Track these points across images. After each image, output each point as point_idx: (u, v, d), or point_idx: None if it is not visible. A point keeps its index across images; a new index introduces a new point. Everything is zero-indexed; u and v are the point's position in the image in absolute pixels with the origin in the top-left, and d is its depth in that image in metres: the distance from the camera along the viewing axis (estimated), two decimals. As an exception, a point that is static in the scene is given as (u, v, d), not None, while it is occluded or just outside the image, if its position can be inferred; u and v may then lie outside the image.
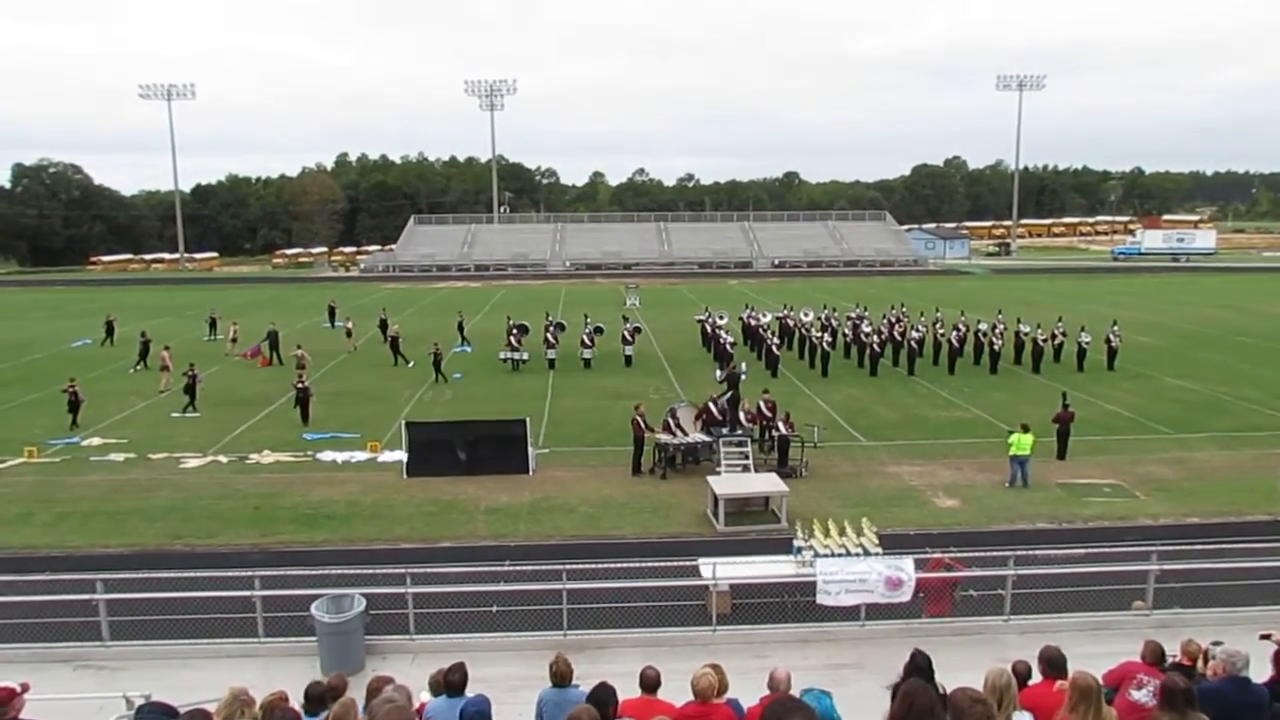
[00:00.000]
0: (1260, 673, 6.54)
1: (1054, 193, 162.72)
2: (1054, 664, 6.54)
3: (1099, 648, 9.08)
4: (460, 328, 41.00)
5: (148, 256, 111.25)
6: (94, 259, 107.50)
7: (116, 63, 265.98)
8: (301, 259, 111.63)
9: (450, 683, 6.88)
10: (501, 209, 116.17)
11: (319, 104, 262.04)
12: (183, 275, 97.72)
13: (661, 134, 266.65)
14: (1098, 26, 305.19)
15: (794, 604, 11.97)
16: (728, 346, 34.21)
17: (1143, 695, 6.58)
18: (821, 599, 11.34)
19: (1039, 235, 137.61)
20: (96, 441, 23.87)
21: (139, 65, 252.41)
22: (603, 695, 6.02)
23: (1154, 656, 7.07)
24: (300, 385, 26.16)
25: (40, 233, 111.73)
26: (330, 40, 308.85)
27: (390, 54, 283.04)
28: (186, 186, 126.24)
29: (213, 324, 44.23)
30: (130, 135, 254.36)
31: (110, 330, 41.63)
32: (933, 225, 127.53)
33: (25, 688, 6.74)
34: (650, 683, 6.66)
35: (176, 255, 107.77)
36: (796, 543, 12.99)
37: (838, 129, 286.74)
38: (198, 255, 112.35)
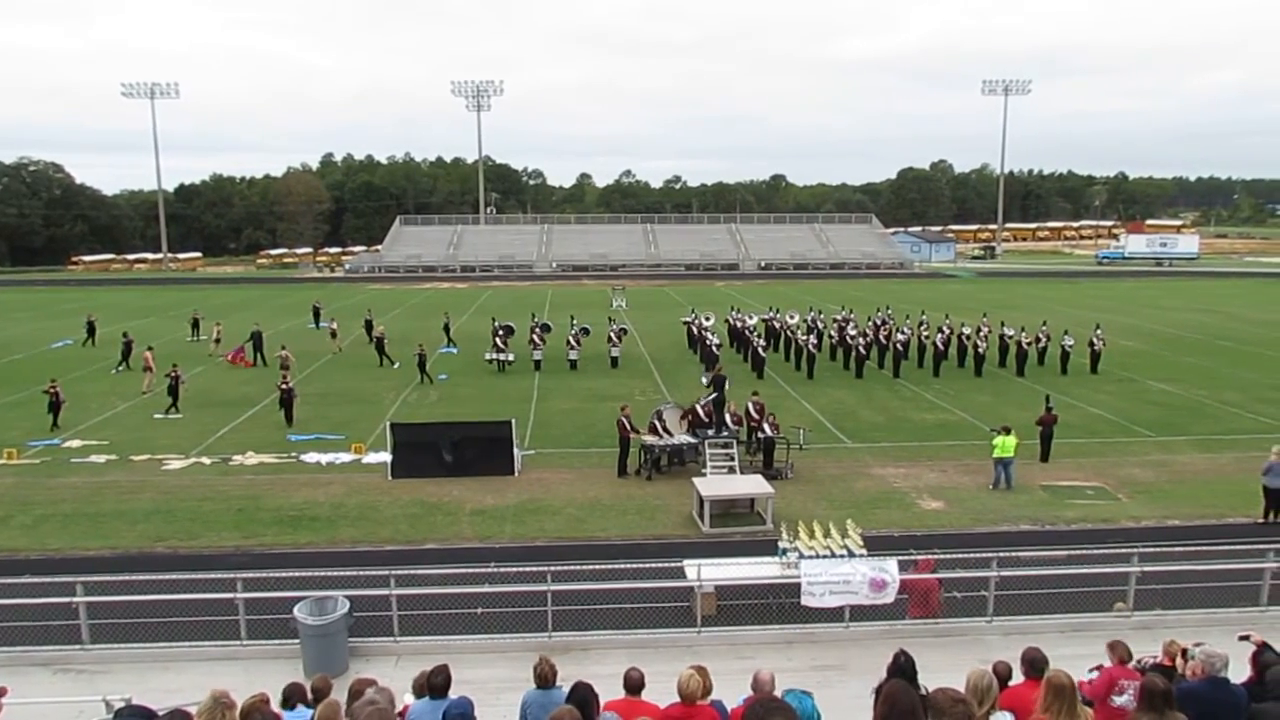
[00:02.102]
0: (1239, 673, 6.61)
1: (1039, 197, 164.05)
2: (1036, 665, 6.59)
3: (1081, 649, 9.13)
4: (446, 329, 40.92)
5: (130, 256, 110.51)
6: (75, 259, 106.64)
7: (99, 61, 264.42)
8: (286, 259, 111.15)
9: (433, 685, 6.85)
10: (488, 210, 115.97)
11: (305, 104, 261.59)
12: (166, 275, 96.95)
13: (649, 136, 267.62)
14: (1083, 31, 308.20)
15: (779, 605, 12.00)
16: (714, 348, 34.27)
17: (1124, 700, 6.65)
18: (806, 600, 11.37)
19: (1024, 239, 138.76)
20: (77, 443, 23.65)
21: (122, 64, 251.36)
22: (582, 695, 6.01)
23: (1122, 656, 7.18)
24: (284, 386, 26.04)
25: (20, 232, 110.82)
26: (316, 40, 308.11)
27: (376, 54, 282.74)
28: (170, 186, 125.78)
29: (195, 325, 43.94)
30: (113, 135, 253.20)
31: (91, 331, 41.29)
32: (918, 228, 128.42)
33: (3, 691, 6.69)
34: (634, 684, 6.66)
35: (159, 255, 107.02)
36: (781, 544, 13.01)
37: (825, 132, 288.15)
38: (181, 255, 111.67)
